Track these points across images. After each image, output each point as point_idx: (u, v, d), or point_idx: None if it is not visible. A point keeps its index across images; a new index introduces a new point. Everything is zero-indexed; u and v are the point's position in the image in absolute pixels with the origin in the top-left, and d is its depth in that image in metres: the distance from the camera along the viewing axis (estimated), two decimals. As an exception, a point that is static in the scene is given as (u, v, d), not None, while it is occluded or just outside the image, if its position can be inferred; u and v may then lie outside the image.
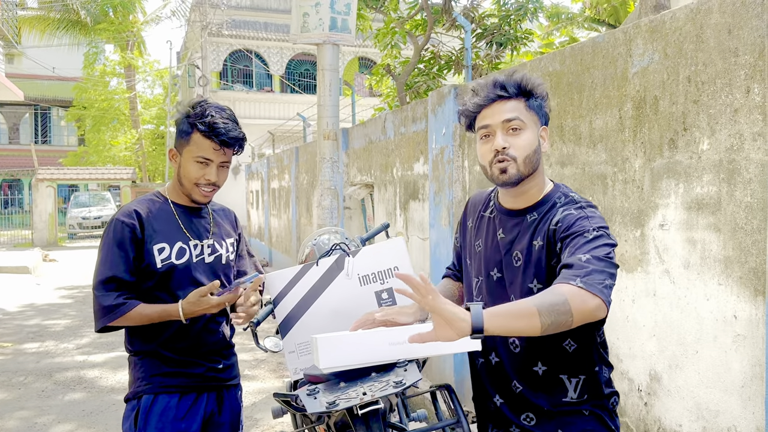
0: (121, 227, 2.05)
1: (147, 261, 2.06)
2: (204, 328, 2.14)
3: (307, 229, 10.19)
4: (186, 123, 2.08)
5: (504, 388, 1.72)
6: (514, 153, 1.65)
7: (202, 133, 2.03)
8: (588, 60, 3.33)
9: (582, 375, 1.68)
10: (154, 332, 2.08)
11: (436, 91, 5.04)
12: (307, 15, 4.93)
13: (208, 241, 2.18)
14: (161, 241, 2.08)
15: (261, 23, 25.77)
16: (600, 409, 1.70)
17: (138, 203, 2.14)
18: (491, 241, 1.77)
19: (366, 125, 7.02)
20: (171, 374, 2.08)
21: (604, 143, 3.22)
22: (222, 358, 2.20)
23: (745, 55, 2.41)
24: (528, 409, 1.69)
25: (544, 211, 1.68)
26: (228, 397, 2.23)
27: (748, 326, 2.43)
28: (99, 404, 4.99)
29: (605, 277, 1.44)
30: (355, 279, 2.04)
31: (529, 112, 1.69)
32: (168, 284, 2.08)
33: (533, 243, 1.65)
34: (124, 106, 28.87)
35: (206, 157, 2.06)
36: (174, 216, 2.13)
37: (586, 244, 1.51)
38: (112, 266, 2.03)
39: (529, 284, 1.65)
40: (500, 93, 1.67)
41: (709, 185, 2.59)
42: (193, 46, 26.29)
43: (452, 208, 4.74)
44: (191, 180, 2.09)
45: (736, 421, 2.49)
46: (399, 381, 1.51)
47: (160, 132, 32.80)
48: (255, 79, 25.66)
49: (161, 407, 2.05)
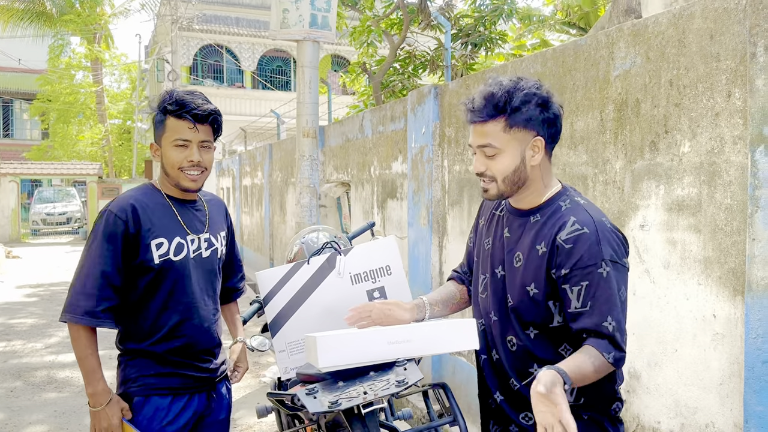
0: (113, 220, 1.98)
1: (142, 257, 2.00)
2: (199, 327, 2.10)
3: (281, 227, 10.13)
4: (159, 113, 2.05)
5: (503, 385, 1.74)
6: (492, 174, 1.69)
7: (173, 114, 2.01)
8: (570, 62, 3.37)
9: None
10: (149, 331, 2.03)
11: (416, 90, 5.05)
12: (287, 11, 4.89)
13: (204, 235, 2.14)
14: (159, 236, 2.02)
15: (233, 18, 25.50)
16: (600, 414, 1.69)
17: (134, 196, 2.07)
18: (498, 239, 1.79)
19: (343, 123, 7.01)
20: (164, 375, 2.04)
21: (585, 145, 3.26)
22: (213, 357, 2.17)
23: (726, 60, 2.47)
24: (527, 408, 1.70)
25: (548, 214, 1.69)
26: (218, 394, 2.20)
27: (726, 325, 2.48)
28: (72, 404, 4.89)
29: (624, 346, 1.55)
30: (346, 278, 2.04)
31: (510, 132, 1.65)
32: (163, 281, 2.02)
33: (536, 247, 1.66)
34: (91, 100, 28.28)
35: (183, 138, 2.01)
36: (171, 209, 2.08)
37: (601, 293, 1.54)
38: (99, 261, 1.96)
39: (527, 287, 1.66)
40: (475, 118, 1.68)
41: (690, 187, 2.64)
42: (162, 40, 25.90)
43: (431, 208, 4.76)
44: (174, 166, 2.04)
45: (714, 418, 2.55)
46: (401, 380, 1.51)
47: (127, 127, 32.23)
48: (226, 74, 25.39)
49: (152, 409, 2.01)
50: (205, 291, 2.12)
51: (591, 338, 1.54)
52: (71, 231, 23.88)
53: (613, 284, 1.54)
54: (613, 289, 1.54)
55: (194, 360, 2.09)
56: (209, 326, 2.13)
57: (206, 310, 2.12)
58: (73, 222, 23.80)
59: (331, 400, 1.44)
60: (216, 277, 2.19)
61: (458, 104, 4.46)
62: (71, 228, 23.77)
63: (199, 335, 2.09)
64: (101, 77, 27.72)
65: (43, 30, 25.12)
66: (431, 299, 1.97)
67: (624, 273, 1.59)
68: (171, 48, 22.85)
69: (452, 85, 4.61)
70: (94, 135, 28.05)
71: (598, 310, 1.53)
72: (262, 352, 2.40)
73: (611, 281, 1.54)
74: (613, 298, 1.53)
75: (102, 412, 1.95)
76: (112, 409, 1.94)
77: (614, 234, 1.64)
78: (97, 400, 1.96)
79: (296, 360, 2.02)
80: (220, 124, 2.10)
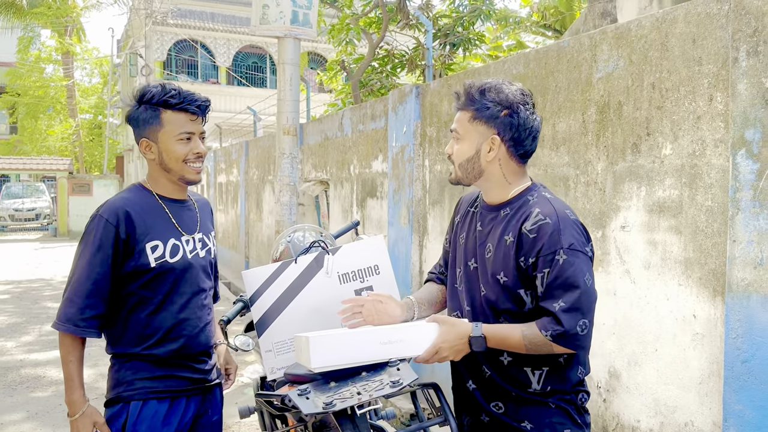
0: (104, 226, 1.93)
1: (137, 261, 1.95)
2: (196, 328, 2.06)
3: (257, 225, 10.04)
4: (149, 108, 1.99)
5: (476, 373, 1.80)
6: (453, 158, 1.85)
7: (174, 108, 1.97)
8: (552, 64, 3.40)
9: (545, 367, 1.75)
10: (145, 335, 1.98)
11: (397, 89, 5.05)
12: (267, 6, 4.85)
13: (197, 235, 2.11)
14: (154, 239, 1.98)
15: (208, 13, 25.23)
16: (566, 402, 1.76)
17: (125, 198, 2.02)
18: (472, 233, 1.88)
19: (322, 121, 6.97)
20: (161, 378, 1.98)
21: (566, 146, 3.29)
22: (208, 358, 2.13)
23: (708, 65, 2.51)
24: (498, 397, 1.77)
25: (517, 207, 1.79)
26: (212, 398, 2.16)
27: (706, 325, 2.53)
28: (47, 404, 4.78)
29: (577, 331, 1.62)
30: (334, 277, 2.02)
31: (474, 123, 1.78)
32: (160, 284, 1.98)
33: (504, 237, 1.75)
34: (61, 94, 27.75)
35: (188, 131, 1.99)
36: (164, 210, 2.04)
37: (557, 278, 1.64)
38: (87, 269, 1.91)
39: (497, 275, 1.74)
40: (455, 105, 1.84)
41: (671, 189, 2.68)
42: (135, 34, 25.50)
43: (412, 207, 4.76)
44: (179, 159, 2.00)
45: (693, 417, 2.59)
46: (396, 381, 1.50)
47: (98, 122, 31.67)
48: (200, 70, 25.11)
49: (151, 413, 1.96)
50: (200, 291, 2.10)
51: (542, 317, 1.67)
52: (40, 227, 23.43)
53: (567, 270, 1.64)
54: (568, 275, 1.63)
55: (191, 361, 2.05)
56: (205, 326, 2.10)
57: (202, 310, 2.09)
58: (42, 218, 23.36)
59: (325, 401, 1.43)
60: (210, 277, 2.16)
61: (440, 103, 4.47)
62: (40, 224, 23.32)
63: (195, 336, 2.05)
64: (72, 71, 27.18)
65: (12, 22, 24.54)
66: (418, 299, 2.00)
67: (585, 260, 1.68)
68: (145, 42, 22.51)
69: (434, 85, 4.61)
70: (64, 130, 27.53)
71: (552, 293, 1.64)
72: (246, 351, 2.37)
73: (567, 268, 1.64)
74: (568, 283, 1.63)
75: (73, 423, 1.92)
76: (83, 422, 1.90)
77: (576, 225, 1.72)
78: (72, 409, 1.92)
79: (283, 360, 2.00)
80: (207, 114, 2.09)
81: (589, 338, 1.66)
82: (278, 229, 4.97)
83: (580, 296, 1.63)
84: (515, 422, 1.73)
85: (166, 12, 22.49)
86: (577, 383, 1.80)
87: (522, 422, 1.73)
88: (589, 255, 1.70)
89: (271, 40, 25.30)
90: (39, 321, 7.75)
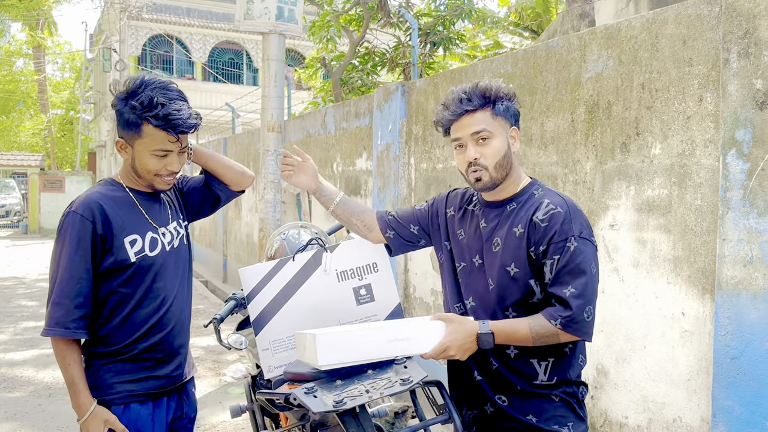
0: (80, 222, 1.86)
1: (116, 257, 1.89)
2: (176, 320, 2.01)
3: (236, 223, 9.96)
4: (132, 114, 1.88)
5: (483, 364, 1.81)
6: (484, 162, 1.79)
7: (155, 126, 1.87)
8: (541, 63, 3.41)
9: (551, 358, 1.77)
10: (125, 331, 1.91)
11: (382, 87, 5.04)
12: (252, 2, 4.80)
13: (171, 225, 2.06)
14: (132, 233, 1.92)
15: (183, 8, 24.91)
16: (569, 396, 1.80)
17: (98, 194, 1.94)
18: (474, 231, 1.89)
19: (304, 118, 6.93)
20: (140, 380, 1.93)
21: (555, 145, 3.31)
22: (185, 351, 2.09)
23: (699, 66, 2.54)
24: (503, 389, 1.79)
25: (523, 201, 1.82)
26: (186, 393, 2.13)
27: (695, 323, 2.56)
28: (24, 405, 4.67)
29: (583, 316, 1.67)
30: (332, 275, 2.00)
31: (496, 119, 1.81)
32: (140, 278, 1.93)
33: (513, 230, 1.78)
34: (32, 89, 27.21)
35: (165, 149, 1.91)
36: (136, 205, 1.97)
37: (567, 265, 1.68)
38: (68, 268, 1.85)
39: (507, 267, 1.76)
40: (466, 107, 1.80)
41: (660, 188, 2.71)
42: (109, 28, 25.07)
43: (398, 205, 4.75)
44: (150, 172, 1.94)
45: (681, 413, 2.63)
46: (406, 378, 1.49)
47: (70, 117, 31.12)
48: (176, 65, 24.78)
49: (134, 417, 1.92)
50: (180, 283, 2.05)
51: (549, 306, 1.70)
52: (10, 225, 22.94)
53: (578, 257, 1.68)
54: (579, 261, 1.68)
55: (170, 357, 2.00)
56: (184, 318, 2.05)
57: (181, 301, 2.04)
58: (13, 215, 22.88)
59: (335, 400, 1.41)
60: (189, 265, 2.12)
61: (427, 102, 4.47)
62: (10, 221, 22.83)
63: (174, 329, 2.00)
64: (44, 65, 26.67)
65: (-19, 14, 24.01)
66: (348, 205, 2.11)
67: (593, 249, 1.73)
68: (119, 37, 22.16)
69: (420, 84, 4.61)
70: (35, 125, 26.99)
71: (562, 279, 1.68)
72: (239, 350, 2.35)
73: (578, 255, 1.68)
74: (577, 270, 1.67)
75: (83, 426, 1.86)
76: (93, 423, 1.84)
77: (583, 215, 1.78)
78: (79, 412, 1.86)
79: (281, 358, 1.98)
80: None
81: (593, 325, 1.69)
82: (262, 226, 4.93)
83: (587, 283, 1.67)
84: (520, 414, 1.75)
85: (141, 6, 22.17)
86: (578, 375, 1.84)
87: (527, 415, 1.75)
88: (595, 244, 1.75)
89: (247, 36, 25.09)
90: (13, 320, 7.58)
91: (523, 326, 1.68)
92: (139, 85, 1.90)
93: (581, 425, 1.79)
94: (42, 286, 10.29)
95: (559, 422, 1.75)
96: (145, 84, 1.90)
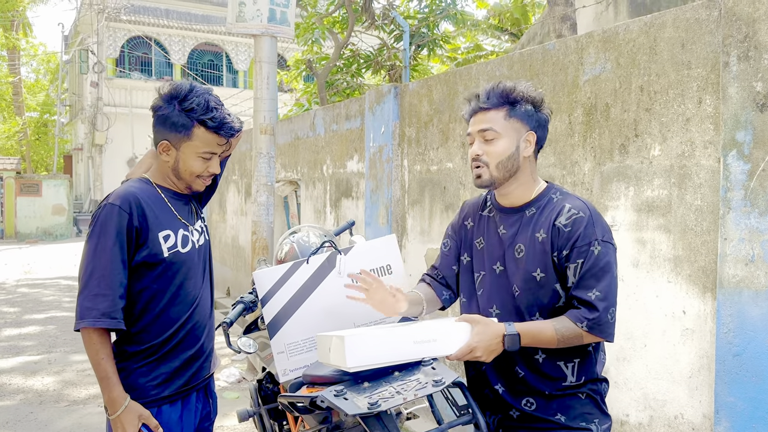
0: (118, 213, 1.87)
1: (150, 250, 1.91)
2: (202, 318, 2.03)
3: (220, 227, 9.89)
4: (184, 116, 1.95)
5: (507, 375, 1.82)
6: (486, 159, 1.82)
7: (209, 128, 1.96)
8: (537, 66, 3.45)
9: (576, 358, 1.80)
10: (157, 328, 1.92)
11: (374, 89, 5.05)
12: (244, 4, 4.78)
13: (197, 225, 2.10)
14: (165, 228, 1.95)
15: (162, 9, 24.70)
16: (594, 392, 1.83)
17: (135, 188, 1.97)
18: (493, 237, 1.89)
19: (292, 121, 6.91)
20: (170, 379, 1.94)
21: (553, 147, 3.35)
22: (210, 347, 2.10)
23: (697, 68, 2.59)
24: (529, 393, 1.80)
25: (542, 206, 1.83)
26: (210, 391, 2.15)
27: (696, 321, 2.61)
28: (15, 414, 4.58)
29: (608, 317, 1.70)
30: (346, 277, 2.01)
31: (510, 120, 1.82)
32: (172, 274, 1.94)
33: (536, 235, 1.79)
34: (6, 91, 26.75)
35: (213, 152, 2.00)
36: (166, 203, 2.01)
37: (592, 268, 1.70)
38: (108, 259, 1.84)
39: (533, 273, 1.78)
40: (481, 105, 1.84)
41: (660, 189, 2.76)
42: (86, 30, 24.75)
43: (391, 207, 4.77)
44: (194, 173, 2.01)
45: (683, 410, 2.67)
46: (438, 380, 1.50)
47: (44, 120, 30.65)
48: (154, 67, 24.59)
49: (165, 420, 1.92)
50: (205, 281, 2.08)
51: (573, 309, 1.72)
52: (-15, 229, 22.48)
53: (602, 261, 1.71)
54: (603, 265, 1.70)
55: (199, 353, 2.02)
56: (210, 316, 2.08)
57: (206, 299, 2.08)
58: (-13, 220, 22.42)
59: (370, 402, 1.41)
60: (210, 264, 2.15)
61: (420, 104, 4.49)
62: (-15, 226, 22.38)
63: (202, 327, 2.04)
64: (18, 67, 26.23)
65: (-47, 15, 23.54)
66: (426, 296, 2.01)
67: (614, 252, 1.76)
68: (97, 39, 21.90)
69: (413, 86, 4.63)
70: (10, 128, 26.54)
71: (587, 282, 1.70)
72: (249, 353, 2.34)
73: (602, 258, 1.71)
74: (601, 273, 1.70)
75: (117, 420, 1.84)
76: (127, 417, 1.83)
77: (602, 218, 1.81)
78: (112, 408, 1.85)
79: (297, 361, 1.98)
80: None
81: (614, 326, 1.73)
82: (255, 229, 4.91)
83: (611, 285, 1.70)
84: (548, 415, 1.77)
85: (119, 8, 21.93)
86: (600, 371, 1.87)
87: (555, 415, 1.77)
88: (615, 247, 1.77)
89: (227, 38, 24.94)
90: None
91: (548, 328, 1.70)
92: (189, 90, 1.98)
93: (606, 420, 1.82)
94: (23, 292, 10.11)
95: (586, 419, 1.78)
96: (194, 89, 1.99)
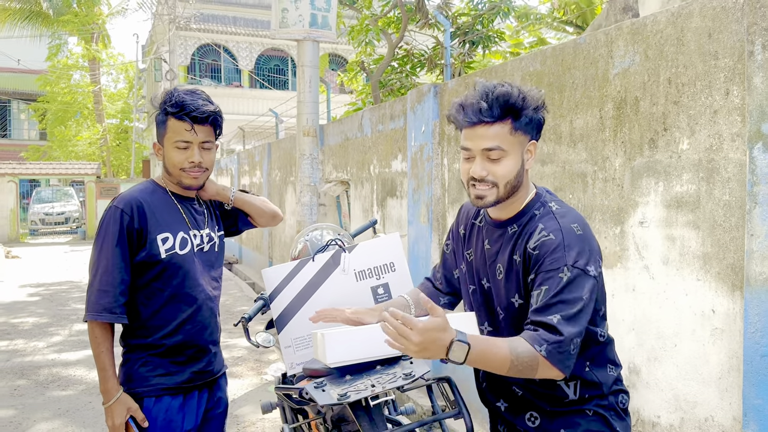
0: (120, 216, 2.02)
1: (148, 251, 2.04)
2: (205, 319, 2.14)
3: (280, 226, 10.14)
4: (161, 113, 2.07)
5: (506, 393, 1.75)
6: (493, 179, 1.64)
7: (174, 116, 2.03)
8: (569, 60, 3.40)
9: (575, 379, 1.69)
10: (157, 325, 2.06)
11: (415, 89, 5.08)
12: (286, 10, 4.91)
13: (205, 231, 2.19)
14: (164, 231, 2.07)
15: (230, 17, 25.49)
16: (604, 408, 1.70)
17: (138, 190, 2.11)
18: (480, 251, 1.79)
19: (342, 122, 7.02)
20: (172, 373, 2.06)
21: (584, 142, 3.29)
22: (216, 349, 2.21)
23: (725, 59, 2.50)
24: (531, 409, 1.72)
25: (524, 224, 1.69)
26: (219, 389, 2.24)
27: (725, 320, 2.51)
28: (75, 403, 4.91)
29: (570, 347, 1.51)
30: (351, 274, 2.06)
31: (515, 134, 1.62)
32: (171, 275, 2.06)
33: (513, 258, 1.67)
34: (88, 99, 28.24)
35: (184, 140, 2.05)
36: (174, 205, 2.13)
37: (558, 294, 1.53)
38: (111, 257, 2.00)
39: (512, 299, 1.67)
40: (484, 118, 1.60)
41: (689, 184, 2.67)
42: (159, 39, 25.87)
43: (431, 206, 4.78)
44: (176, 166, 2.08)
45: (713, 412, 2.58)
46: (408, 373, 1.54)
47: (124, 127, 32.17)
48: (224, 73, 25.39)
49: (164, 409, 2.04)
50: (208, 283, 2.17)
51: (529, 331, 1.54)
52: (70, 231, 23.87)
53: (572, 289, 1.53)
54: (570, 292, 1.53)
55: (200, 353, 2.12)
56: (213, 317, 2.18)
57: (211, 302, 2.17)
58: (72, 222, 23.79)
59: (340, 393, 1.47)
60: (216, 269, 2.24)
61: (458, 103, 4.49)
62: (70, 228, 23.76)
63: (204, 327, 2.13)
64: (99, 77, 27.66)
65: (40, 30, 25.07)
66: (414, 299, 1.97)
67: (587, 279, 1.56)
68: (168, 47, 22.83)
69: (452, 84, 4.63)
70: (91, 135, 28.02)
71: (551, 307, 1.53)
72: (266, 348, 2.43)
73: (571, 286, 1.53)
74: (567, 300, 1.53)
75: (108, 409, 2.00)
76: (117, 409, 1.99)
77: (582, 241, 1.60)
78: (106, 397, 2.00)
79: (302, 355, 2.05)
80: (220, 124, 2.13)
81: (573, 360, 1.54)
82: (299, 229, 5.03)
83: (580, 315, 1.53)
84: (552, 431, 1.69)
85: (189, 17, 22.78)
86: (614, 383, 1.74)
87: (559, 431, 1.68)
88: (591, 274, 1.58)
89: (292, 43, 25.48)
90: (69, 322, 7.92)
91: (503, 347, 1.50)
92: (171, 92, 2.09)
93: None
94: (97, 290, 10.71)
95: None
96: (177, 90, 2.09)
